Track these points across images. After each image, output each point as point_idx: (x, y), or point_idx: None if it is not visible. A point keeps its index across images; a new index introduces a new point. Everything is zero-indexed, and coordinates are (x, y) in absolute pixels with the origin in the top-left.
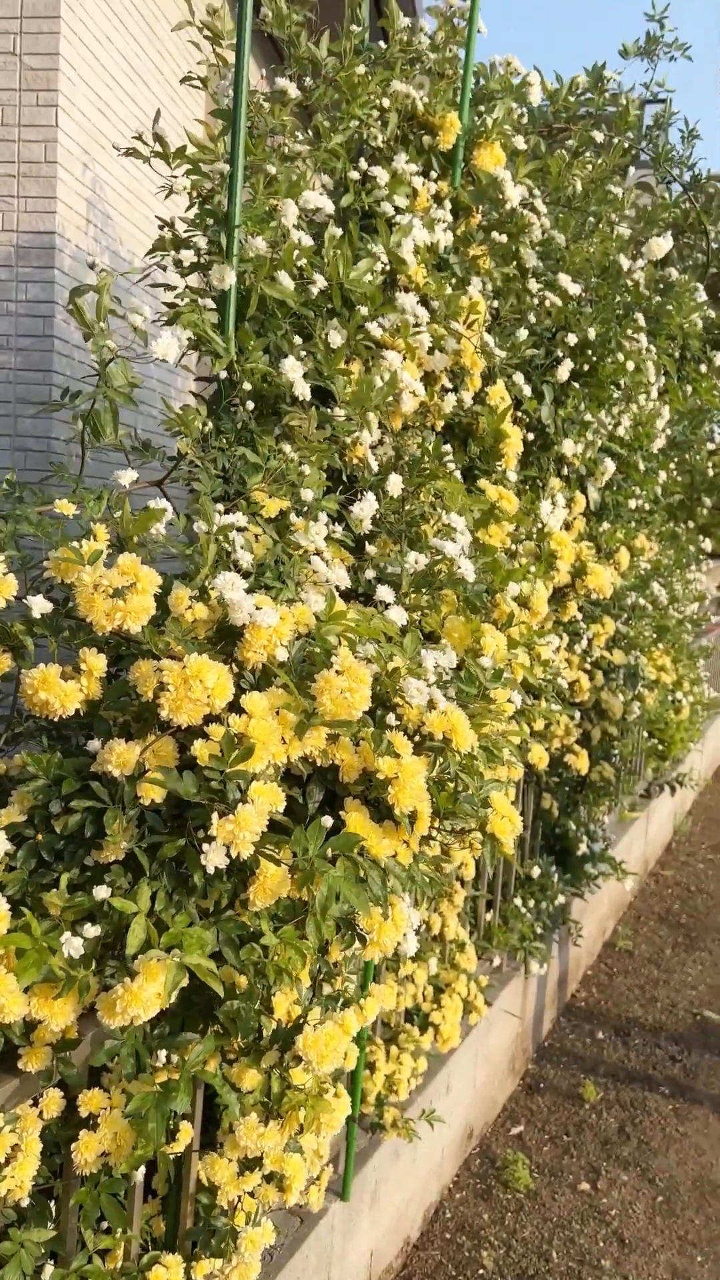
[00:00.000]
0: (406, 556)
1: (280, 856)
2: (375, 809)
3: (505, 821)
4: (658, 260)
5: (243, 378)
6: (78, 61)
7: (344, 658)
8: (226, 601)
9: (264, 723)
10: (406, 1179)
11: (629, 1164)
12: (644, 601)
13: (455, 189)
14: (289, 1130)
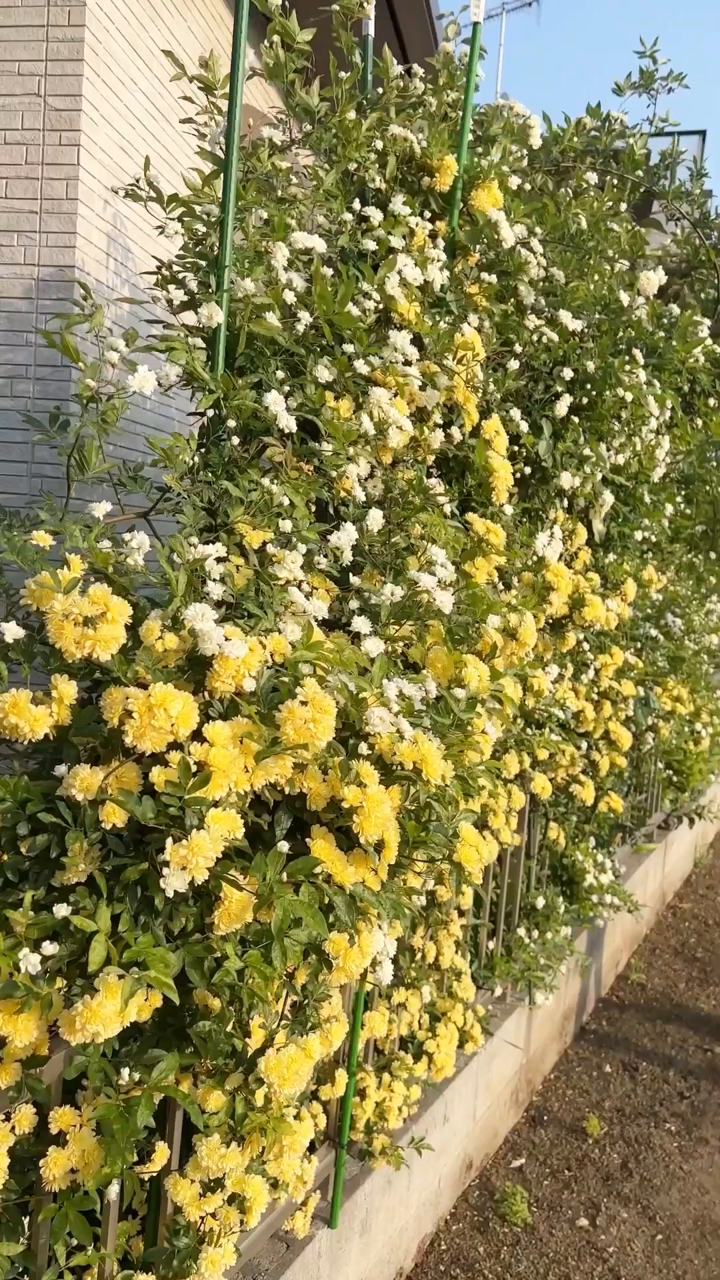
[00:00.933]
0: (384, 589)
1: (245, 882)
2: (345, 837)
3: (472, 850)
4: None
5: (229, 413)
6: (100, 102)
7: (309, 688)
8: (196, 632)
9: (224, 751)
10: (399, 1208)
11: (630, 1201)
12: (655, 632)
13: (452, 229)
14: (250, 1152)
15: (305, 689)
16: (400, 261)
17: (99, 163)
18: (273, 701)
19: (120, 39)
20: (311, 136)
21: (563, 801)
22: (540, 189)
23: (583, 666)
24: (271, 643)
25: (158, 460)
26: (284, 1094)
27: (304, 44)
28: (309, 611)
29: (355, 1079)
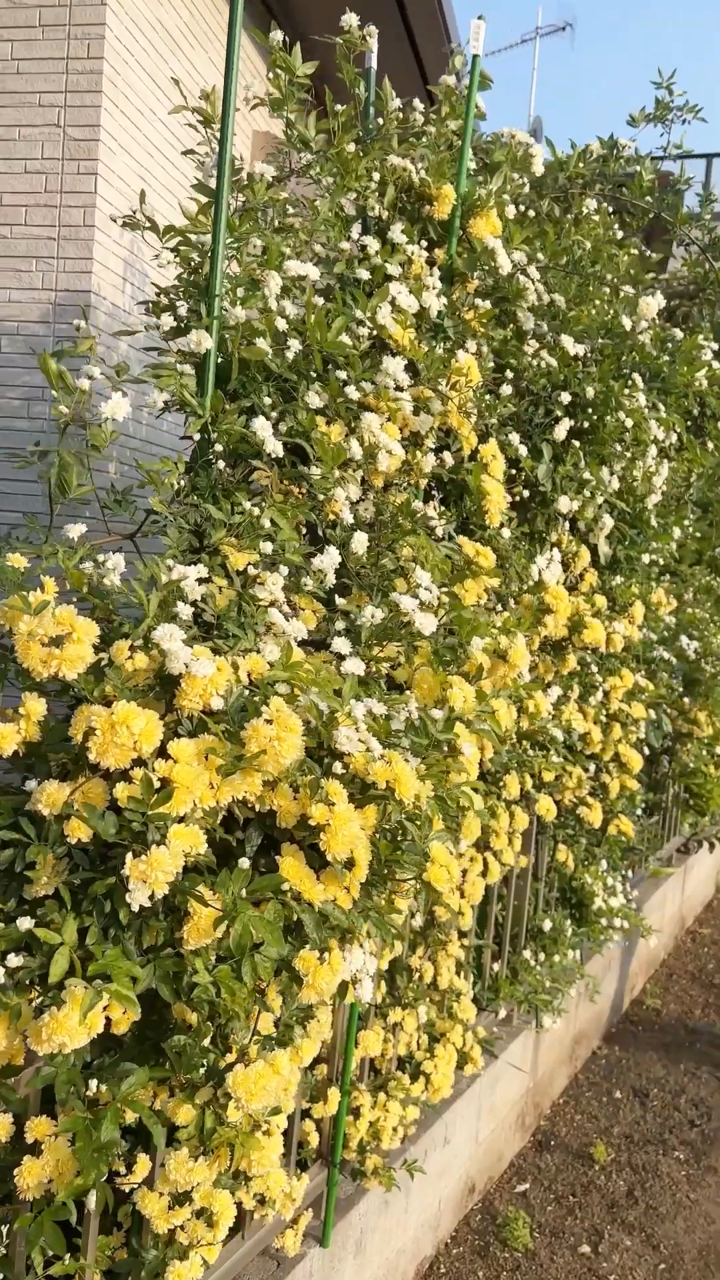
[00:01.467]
0: (364, 610)
1: (214, 899)
2: (317, 855)
3: (441, 870)
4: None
5: (217, 438)
6: (118, 132)
7: (275, 707)
8: (164, 651)
9: (188, 768)
10: (396, 1230)
11: (634, 1228)
12: (668, 655)
13: (450, 257)
14: (218, 1166)
15: (270, 707)
16: (394, 289)
17: (116, 190)
18: (242, 720)
19: (139, 70)
20: (312, 168)
21: (570, 824)
22: (547, 215)
23: (591, 689)
24: (249, 662)
25: (145, 483)
26: (252, 1109)
27: (304, 78)
28: (289, 632)
29: (349, 1097)
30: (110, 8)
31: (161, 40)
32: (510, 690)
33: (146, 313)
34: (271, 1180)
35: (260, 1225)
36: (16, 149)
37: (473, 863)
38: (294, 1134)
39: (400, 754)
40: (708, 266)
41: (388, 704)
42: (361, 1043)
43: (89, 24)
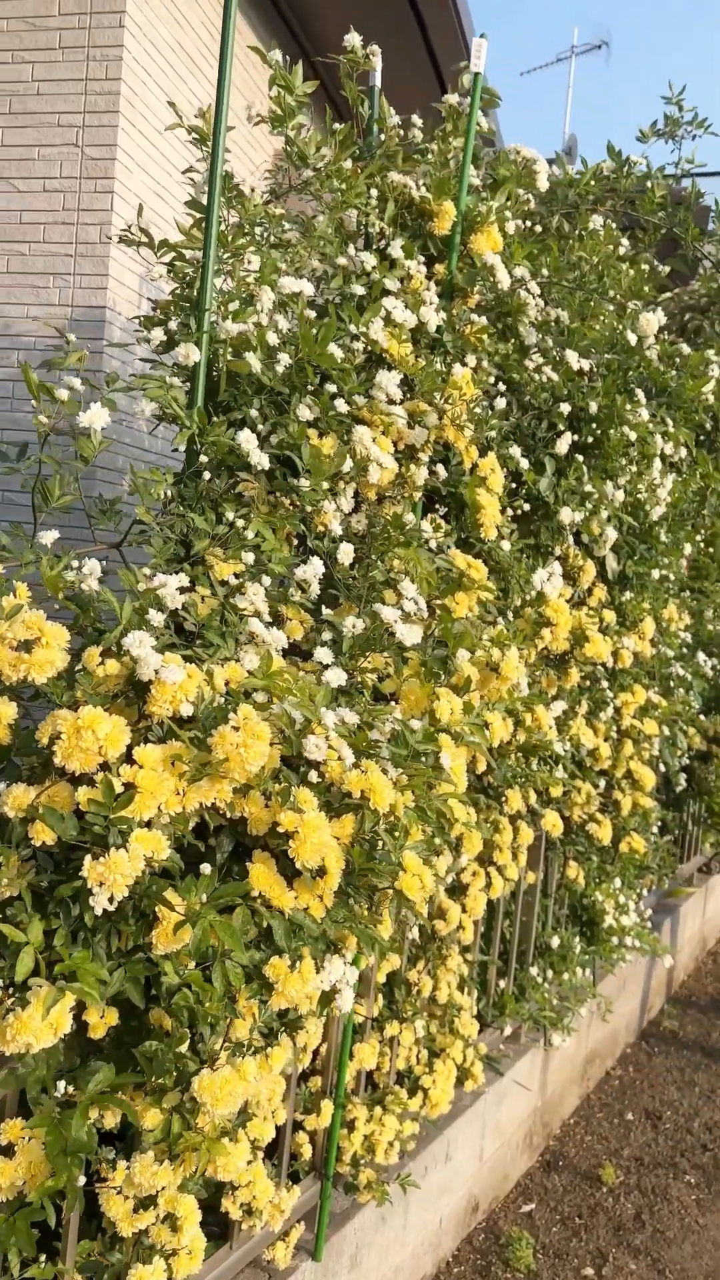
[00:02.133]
0: (345, 620)
1: (180, 904)
2: (291, 863)
3: (414, 880)
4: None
5: (204, 449)
6: (135, 150)
7: (243, 714)
8: (135, 658)
9: (153, 773)
10: (394, 1247)
11: (640, 1252)
12: (684, 671)
13: (450, 272)
14: (184, 1171)
15: (239, 714)
16: (389, 304)
17: (132, 208)
18: (212, 727)
19: (157, 90)
20: (312, 185)
21: (580, 840)
22: (557, 230)
23: (601, 704)
24: (228, 671)
25: (131, 491)
26: (218, 1114)
27: (304, 95)
28: (268, 641)
29: (342, 1110)
30: (129, 30)
31: (180, 61)
32: (507, 703)
33: (140, 328)
34: (258, 1190)
35: (249, 1236)
36: (36, 168)
37: (475, 877)
38: (284, 1145)
39: (379, 764)
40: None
41: (372, 715)
42: (356, 1055)
43: (107, 46)
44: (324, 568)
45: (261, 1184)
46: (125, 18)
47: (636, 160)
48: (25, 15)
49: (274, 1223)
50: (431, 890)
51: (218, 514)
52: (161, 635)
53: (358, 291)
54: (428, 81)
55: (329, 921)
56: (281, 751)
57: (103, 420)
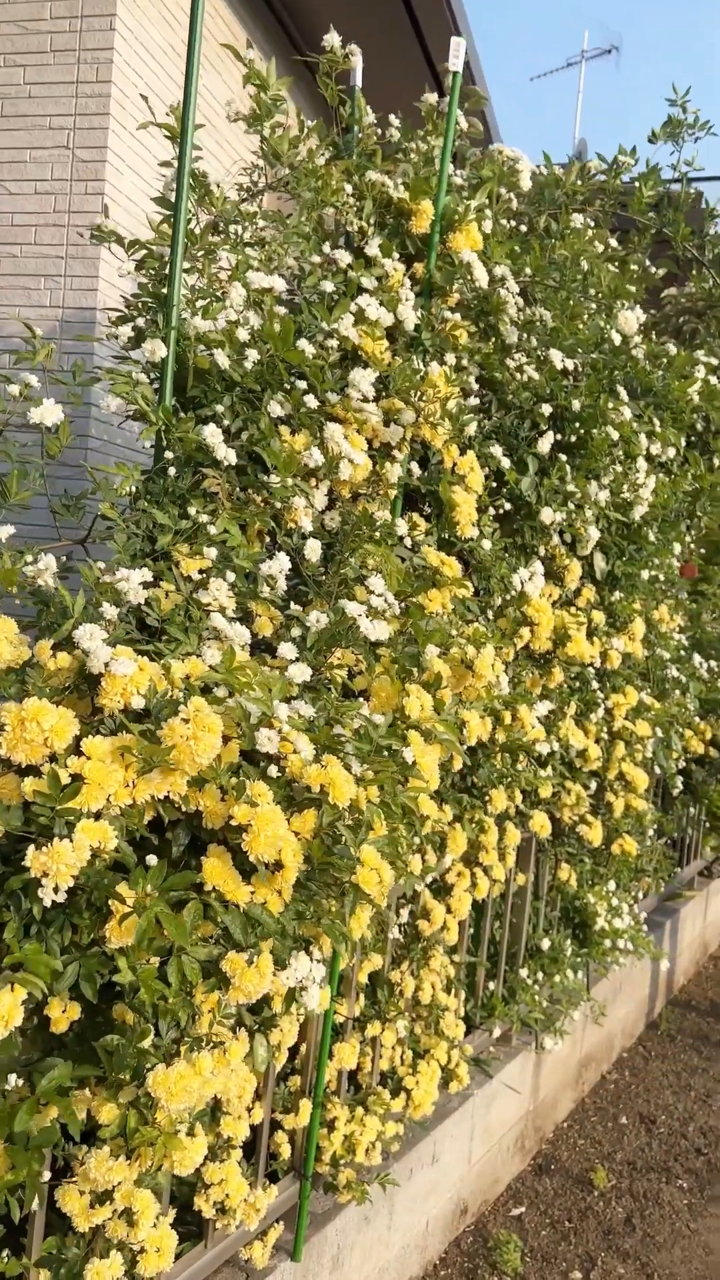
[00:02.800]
0: (310, 615)
1: (130, 896)
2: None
3: (372, 874)
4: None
5: (171, 445)
6: (126, 153)
7: (194, 706)
8: (86, 650)
9: (100, 765)
10: (378, 1247)
11: (628, 1256)
12: (677, 673)
13: (429, 271)
14: (140, 1166)
15: (189, 707)
16: (363, 301)
17: (123, 209)
18: (164, 719)
19: (150, 93)
20: (290, 184)
21: (572, 842)
22: (545, 230)
23: (592, 705)
24: (188, 666)
25: (95, 489)
26: (173, 1109)
27: (279, 93)
28: (231, 636)
29: (322, 1110)
30: (119, 33)
31: (172, 63)
32: (485, 701)
33: (110, 324)
34: (231, 1188)
35: (224, 1235)
36: (27, 170)
37: (460, 878)
38: (261, 1144)
39: (344, 759)
40: (712, 283)
41: (339, 710)
42: (336, 1055)
43: (98, 49)
44: (292, 564)
45: (234, 1182)
46: (115, 20)
47: (625, 160)
48: (16, 19)
49: (250, 1222)
50: (390, 885)
51: (183, 510)
52: (115, 629)
53: (327, 288)
54: (421, 78)
55: (288, 917)
56: (241, 746)
57: (55, 416)
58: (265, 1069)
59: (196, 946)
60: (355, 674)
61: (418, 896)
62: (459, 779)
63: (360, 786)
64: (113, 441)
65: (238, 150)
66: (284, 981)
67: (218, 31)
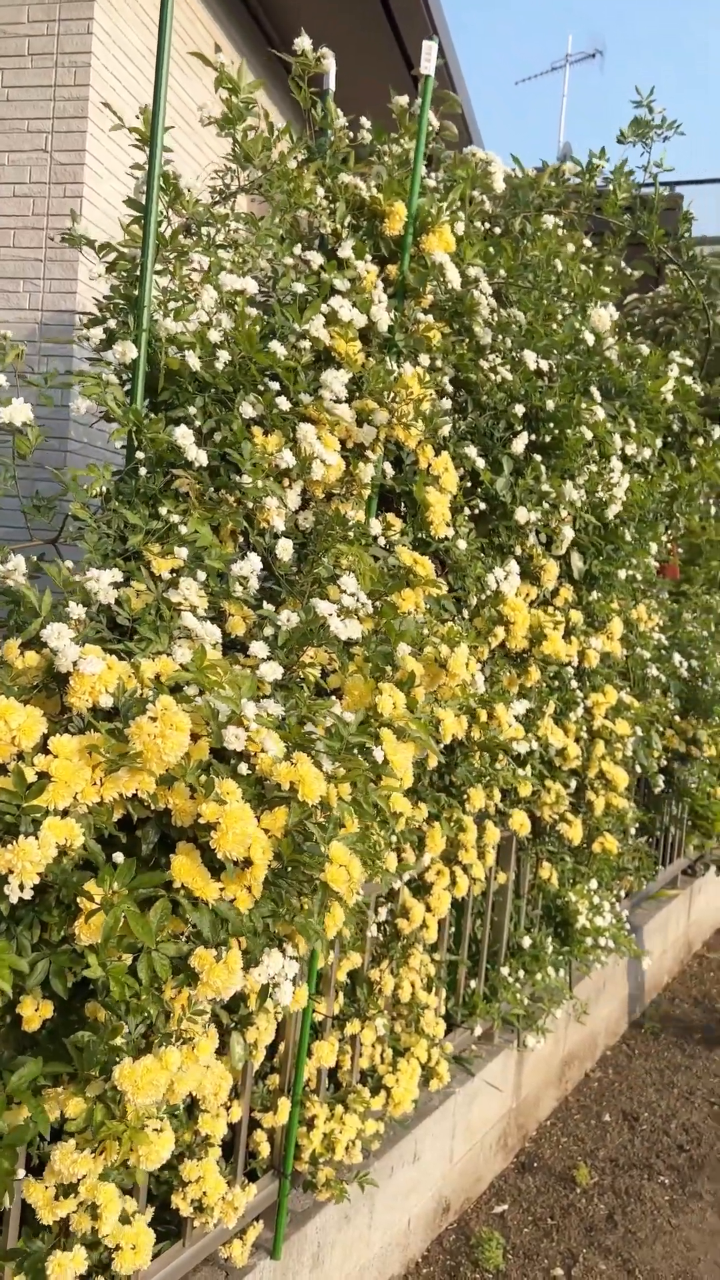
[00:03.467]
0: (280, 614)
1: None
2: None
3: (341, 871)
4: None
5: (142, 445)
6: (104, 156)
7: (162, 704)
8: (54, 649)
9: (68, 763)
10: (358, 1246)
11: (610, 1253)
12: (657, 672)
13: (403, 273)
14: (106, 1160)
15: (157, 705)
16: (335, 303)
17: (102, 212)
18: (132, 718)
19: (127, 96)
20: (263, 186)
21: (552, 841)
22: (520, 232)
23: (571, 704)
24: (158, 665)
25: (66, 489)
26: (139, 1103)
27: (250, 96)
28: (202, 635)
29: (301, 1108)
30: (96, 37)
31: (150, 66)
32: (460, 700)
33: (84, 326)
34: (208, 1186)
35: (203, 1233)
36: (5, 173)
37: (439, 876)
38: (240, 1143)
39: (315, 757)
40: (686, 285)
41: (310, 709)
42: (315, 1053)
43: (76, 52)
44: (265, 564)
45: (212, 1180)
46: (93, 24)
47: (598, 163)
48: None
49: (228, 1220)
50: (360, 882)
51: (154, 510)
52: (85, 627)
53: (298, 290)
54: (401, 79)
55: (259, 914)
56: (211, 744)
57: (24, 415)
58: (243, 1067)
59: (166, 943)
60: (329, 673)
61: (397, 895)
62: (437, 777)
63: (331, 784)
64: (92, 444)
65: (216, 152)
66: (256, 978)
67: (195, 34)
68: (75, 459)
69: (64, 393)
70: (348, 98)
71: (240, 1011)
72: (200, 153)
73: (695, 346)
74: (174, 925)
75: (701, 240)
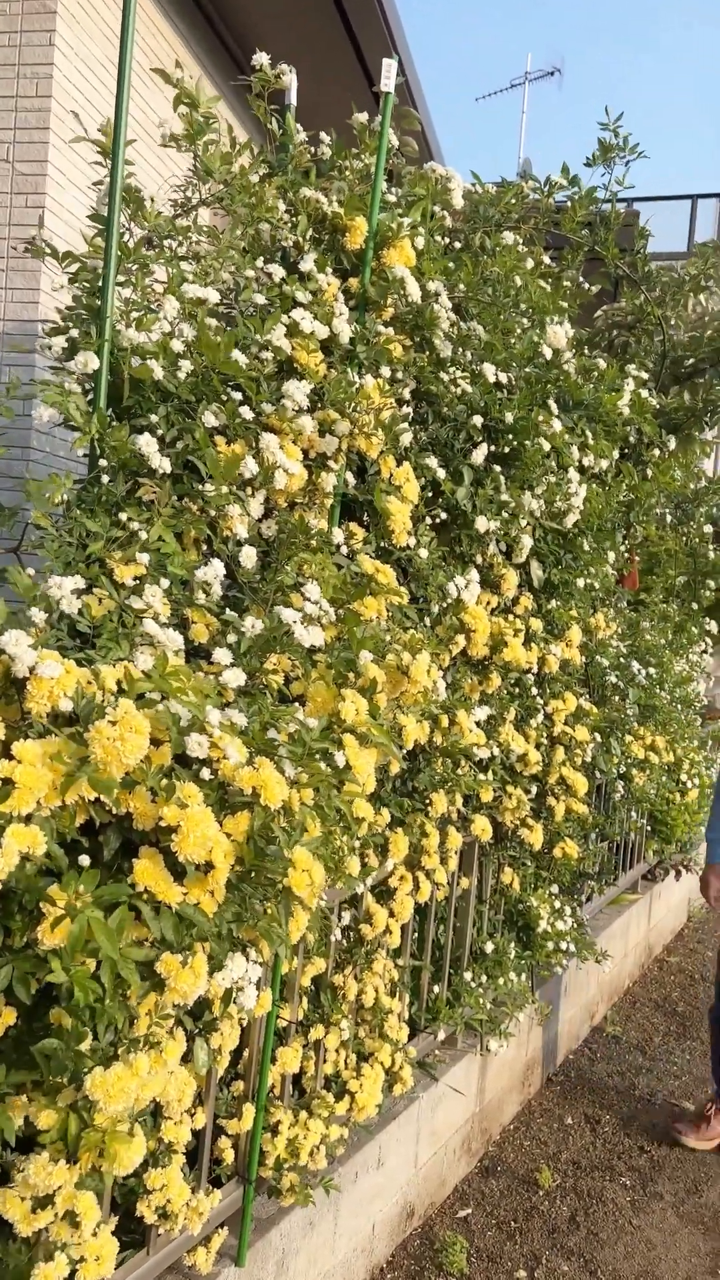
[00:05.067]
0: (244, 621)
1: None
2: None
3: (303, 876)
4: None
5: (105, 453)
6: (67, 167)
7: (122, 709)
8: (10, 655)
9: (31, 769)
10: (323, 1252)
11: (573, 1254)
12: (615, 678)
13: (364, 286)
14: (80, 1169)
15: (118, 709)
16: (297, 315)
17: (64, 223)
18: (91, 723)
19: (90, 108)
20: (225, 200)
21: (513, 846)
22: (480, 247)
23: (532, 711)
24: (120, 671)
25: (28, 497)
26: (111, 1110)
27: (209, 111)
28: (164, 642)
29: (265, 1114)
30: (59, 49)
31: (112, 78)
32: (422, 706)
33: (47, 335)
34: (172, 1193)
35: (167, 1241)
36: None
37: (402, 881)
38: (204, 1149)
39: (278, 763)
40: (643, 299)
41: (273, 715)
42: (280, 1059)
43: (37, 63)
44: (229, 572)
45: (176, 1186)
46: (55, 36)
47: (558, 181)
48: None
49: (193, 1226)
50: (322, 886)
51: (116, 518)
52: (44, 634)
53: (260, 301)
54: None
55: (223, 918)
56: (174, 750)
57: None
58: (207, 1073)
59: (131, 948)
60: (292, 679)
61: (360, 900)
62: (400, 783)
63: (294, 789)
64: (55, 454)
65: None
66: (220, 982)
67: (157, 47)
68: (38, 469)
69: (25, 403)
70: (311, 113)
71: (205, 1018)
72: (163, 165)
73: (650, 360)
74: (139, 931)
75: (655, 255)
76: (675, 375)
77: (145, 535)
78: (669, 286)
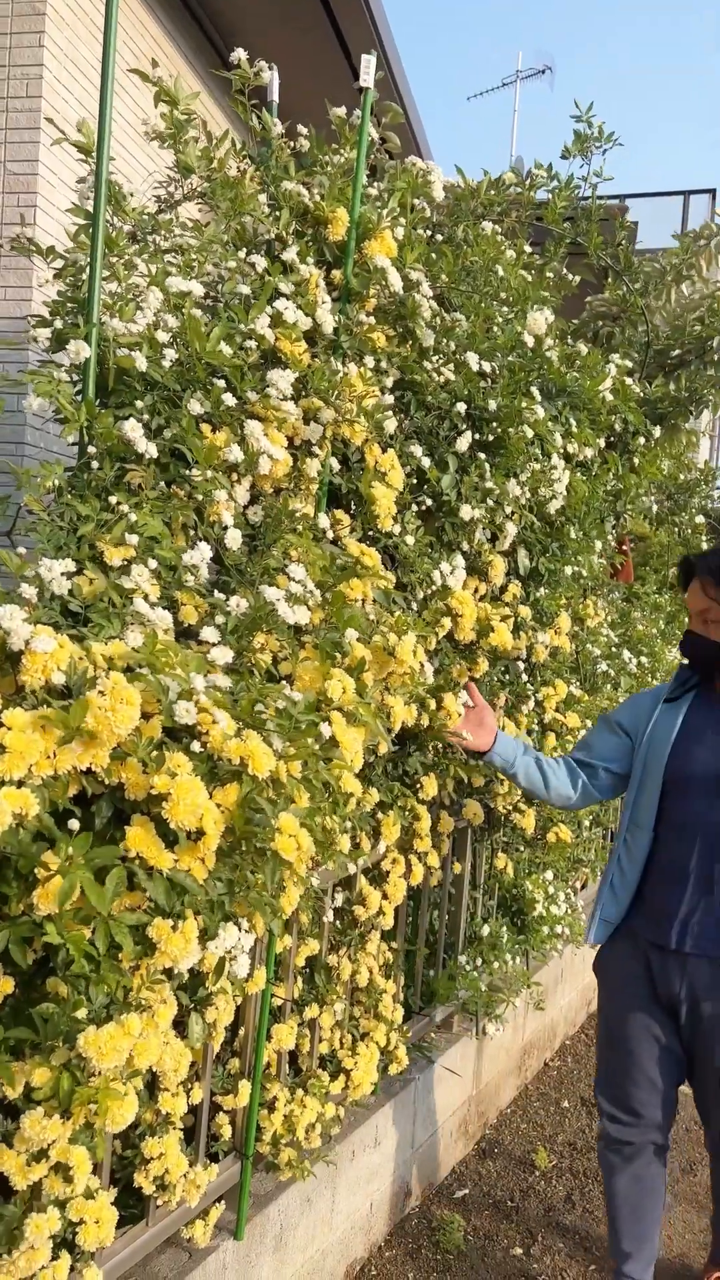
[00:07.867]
0: (230, 601)
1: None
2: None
3: (290, 841)
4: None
5: (93, 440)
6: (57, 166)
7: (113, 680)
8: (6, 630)
9: (22, 735)
10: (321, 1229)
11: (568, 1232)
12: (606, 666)
13: (347, 277)
14: (75, 1123)
15: (109, 680)
16: (280, 305)
17: (55, 221)
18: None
19: (79, 107)
20: (207, 195)
21: (507, 831)
22: (463, 239)
23: (523, 697)
24: (111, 648)
25: (20, 485)
26: (104, 1068)
27: (189, 108)
28: (153, 620)
29: (261, 1090)
30: (48, 50)
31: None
32: (410, 689)
33: (34, 327)
34: (170, 1163)
35: (166, 1212)
36: None
37: (395, 864)
38: (201, 1125)
39: (265, 735)
40: (626, 290)
41: (261, 692)
42: (275, 1036)
43: (27, 65)
44: (216, 556)
45: (174, 1156)
46: (45, 38)
47: (539, 175)
48: None
49: (191, 1199)
50: (309, 852)
51: (106, 502)
52: (36, 611)
53: (244, 291)
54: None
55: (215, 888)
56: (164, 722)
57: None
58: (204, 1050)
59: (124, 914)
60: (280, 659)
61: (354, 882)
62: (391, 766)
63: (281, 762)
64: (49, 449)
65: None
66: (213, 951)
67: (143, 45)
68: (31, 462)
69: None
70: (294, 107)
71: (199, 993)
72: (150, 161)
73: (635, 350)
74: (132, 899)
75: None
76: (660, 365)
77: (134, 517)
78: (651, 277)
